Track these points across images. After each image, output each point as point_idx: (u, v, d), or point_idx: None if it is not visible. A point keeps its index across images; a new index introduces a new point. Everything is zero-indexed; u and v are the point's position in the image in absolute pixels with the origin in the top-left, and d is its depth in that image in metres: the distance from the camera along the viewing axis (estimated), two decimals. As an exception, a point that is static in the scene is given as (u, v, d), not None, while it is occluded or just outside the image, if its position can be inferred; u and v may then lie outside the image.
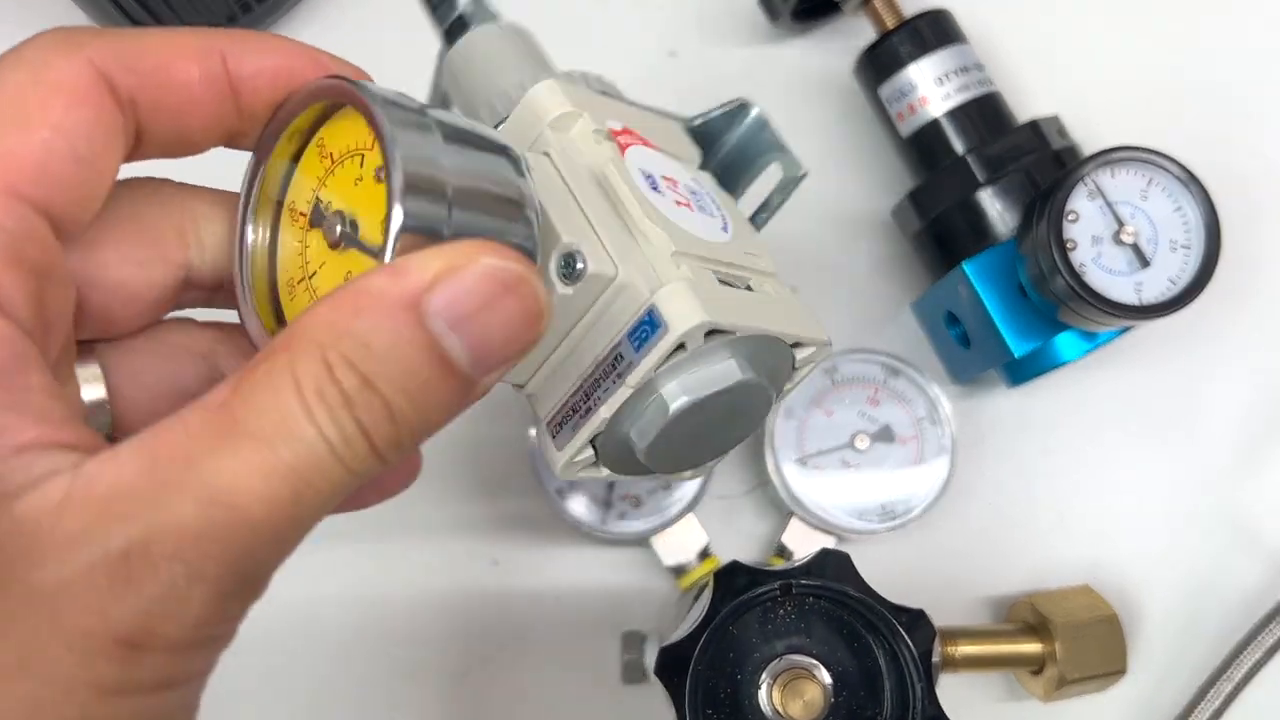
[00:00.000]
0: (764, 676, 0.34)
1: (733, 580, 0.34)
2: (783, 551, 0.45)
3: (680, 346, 0.26)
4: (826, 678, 0.34)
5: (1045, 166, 0.43)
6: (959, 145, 0.44)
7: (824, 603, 0.35)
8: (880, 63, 0.45)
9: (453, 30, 0.35)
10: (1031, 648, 0.42)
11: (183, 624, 0.20)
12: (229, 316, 0.26)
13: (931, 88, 0.44)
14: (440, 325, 0.20)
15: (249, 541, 0.20)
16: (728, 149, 0.35)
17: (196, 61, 0.23)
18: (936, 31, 0.44)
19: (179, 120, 0.24)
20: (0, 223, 0.21)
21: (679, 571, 0.45)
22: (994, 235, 0.43)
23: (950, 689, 0.38)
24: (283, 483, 0.20)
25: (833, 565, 0.35)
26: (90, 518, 0.19)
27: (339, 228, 0.24)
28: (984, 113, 0.44)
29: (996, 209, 0.43)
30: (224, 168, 0.27)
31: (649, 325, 0.25)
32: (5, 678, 0.19)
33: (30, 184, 0.21)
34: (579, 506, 0.44)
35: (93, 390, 0.25)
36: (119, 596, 0.19)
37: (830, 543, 0.44)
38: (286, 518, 0.20)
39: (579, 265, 0.26)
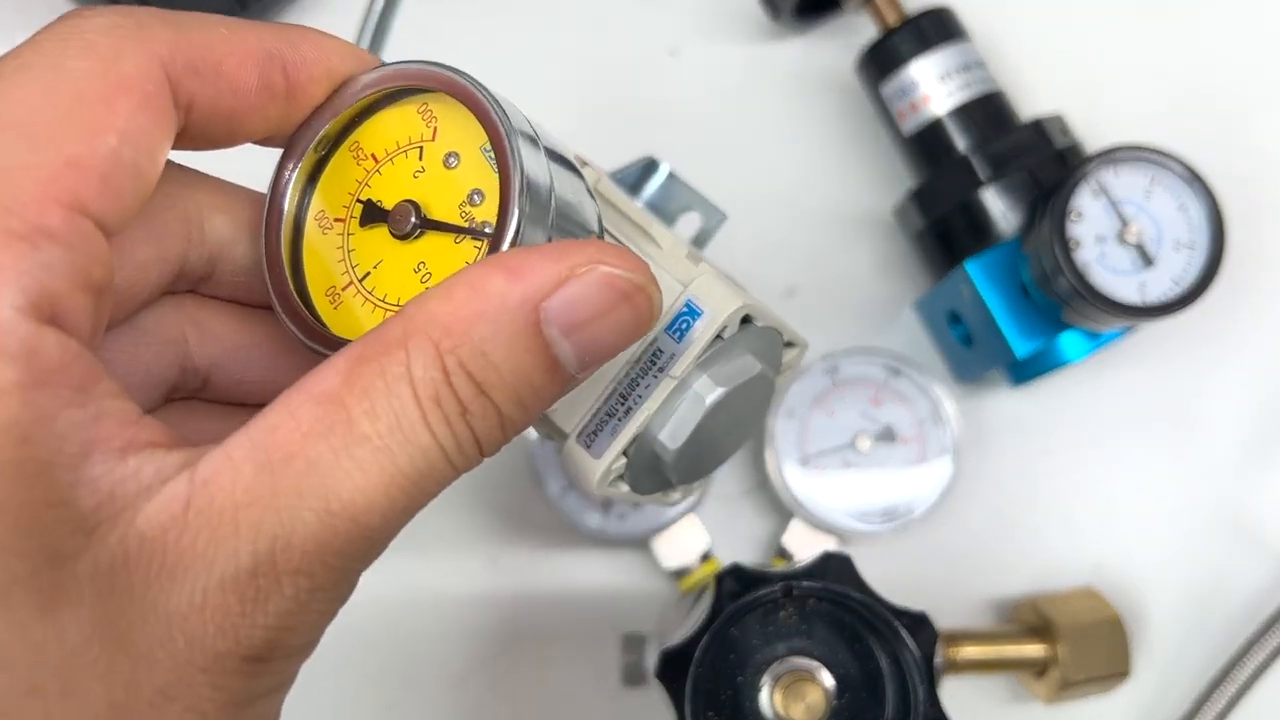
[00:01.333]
0: (765, 679, 0.34)
1: (734, 582, 0.34)
2: (784, 553, 0.44)
3: (717, 336, 0.26)
4: (828, 680, 0.34)
5: (1048, 165, 0.42)
6: (961, 144, 0.43)
7: (826, 605, 0.35)
8: (882, 60, 0.45)
9: None
10: (1035, 650, 0.41)
11: (303, 633, 0.20)
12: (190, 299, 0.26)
13: (933, 86, 0.43)
14: (554, 332, 0.21)
15: (365, 550, 0.20)
16: (648, 200, 0.38)
17: (257, 68, 0.23)
18: (938, 29, 0.44)
19: (227, 124, 0.23)
20: (71, 243, 0.20)
21: (680, 574, 0.44)
22: (996, 234, 0.42)
23: (953, 691, 0.37)
24: (401, 493, 0.20)
25: (834, 568, 0.35)
26: (214, 531, 0.19)
27: (413, 215, 0.24)
28: (986, 111, 0.44)
29: (999, 208, 0.42)
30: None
31: (689, 315, 0.26)
32: (151, 707, 0.19)
33: (95, 197, 0.20)
34: (579, 508, 0.44)
35: None
36: (248, 616, 0.19)
37: (832, 544, 0.44)
38: (399, 523, 0.20)
39: None
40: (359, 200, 0.25)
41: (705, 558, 0.44)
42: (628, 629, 0.44)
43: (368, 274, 0.25)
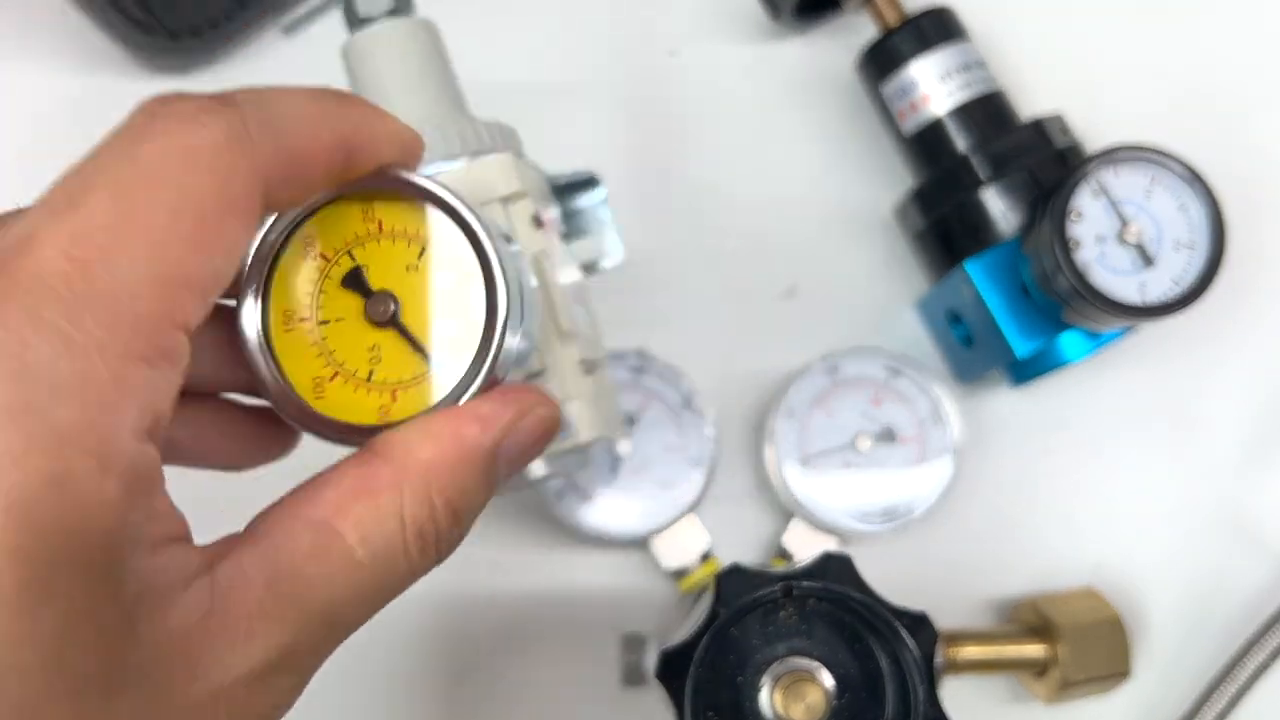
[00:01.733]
0: (765, 679, 0.34)
1: (734, 583, 0.34)
2: (784, 553, 0.44)
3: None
4: (828, 680, 0.34)
5: (1048, 165, 0.42)
6: (961, 144, 0.43)
7: (826, 605, 0.35)
8: (882, 60, 0.45)
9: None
10: (1035, 650, 0.41)
11: (291, 704, 0.23)
12: None
13: (934, 85, 0.43)
14: (502, 464, 0.26)
15: (342, 641, 0.24)
16: (570, 209, 0.39)
17: (326, 159, 0.24)
18: (938, 29, 0.44)
19: (286, 203, 0.25)
20: (177, 362, 0.21)
21: (680, 574, 0.44)
22: (996, 234, 0.42)
23: (953, 691, 0.37)
24: (380, 600, 0.24)
25: (835, 568, 0.34)
26: (232, 637, 0.22)
27: (392, 309, 0.26)
28: (986, 111, 0.44)
29: (999, 208, 0.42)
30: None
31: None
32: None
33: (195, 313, 0.22)
34: (579, 508, 0.44)
35: None
36: (252, 705, 0.22)
37: (832, 544, 0.44)
38: (365, 621, 0.24)
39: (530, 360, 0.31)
40: (349, 254, 0.26)
41: (705, 558, 0.44)
42: (628, 629, 0.44)
43: (326, 322, 0.26)
